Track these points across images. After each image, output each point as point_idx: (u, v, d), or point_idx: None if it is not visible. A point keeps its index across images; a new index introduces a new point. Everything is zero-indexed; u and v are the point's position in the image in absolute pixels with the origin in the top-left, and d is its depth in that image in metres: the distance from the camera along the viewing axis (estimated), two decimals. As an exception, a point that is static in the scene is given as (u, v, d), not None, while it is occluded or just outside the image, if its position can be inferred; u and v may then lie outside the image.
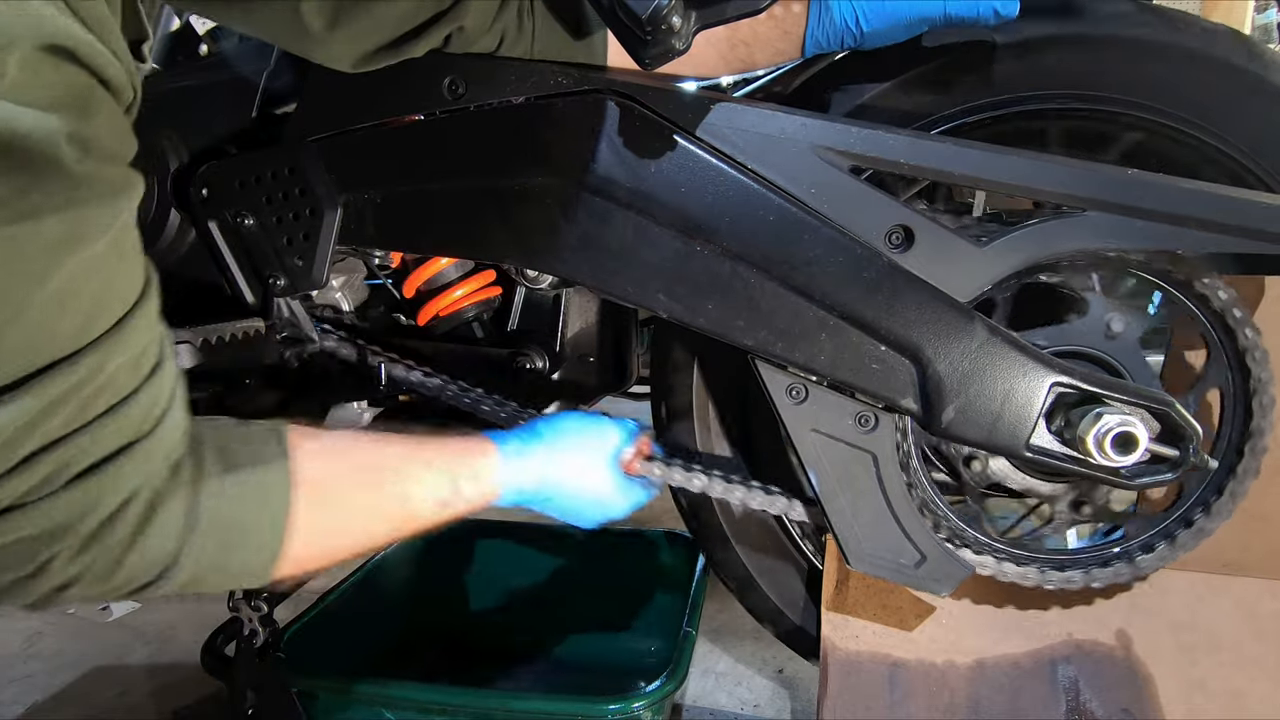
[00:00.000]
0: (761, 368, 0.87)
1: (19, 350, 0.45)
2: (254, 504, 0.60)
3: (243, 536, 0.60)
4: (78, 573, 0.51)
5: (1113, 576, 0.91)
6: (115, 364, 0.49)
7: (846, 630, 1.02)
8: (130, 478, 0.51)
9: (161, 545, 0.54)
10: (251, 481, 0.60)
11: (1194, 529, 0.90)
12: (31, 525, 0.48)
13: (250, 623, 1.01)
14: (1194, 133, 0.88)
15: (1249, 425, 0.88)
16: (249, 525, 0.60)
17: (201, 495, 0.57)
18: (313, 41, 0.76)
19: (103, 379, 0.48)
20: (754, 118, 0.81)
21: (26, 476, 0.47)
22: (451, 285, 1.05)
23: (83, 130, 0.45)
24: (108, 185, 0.48)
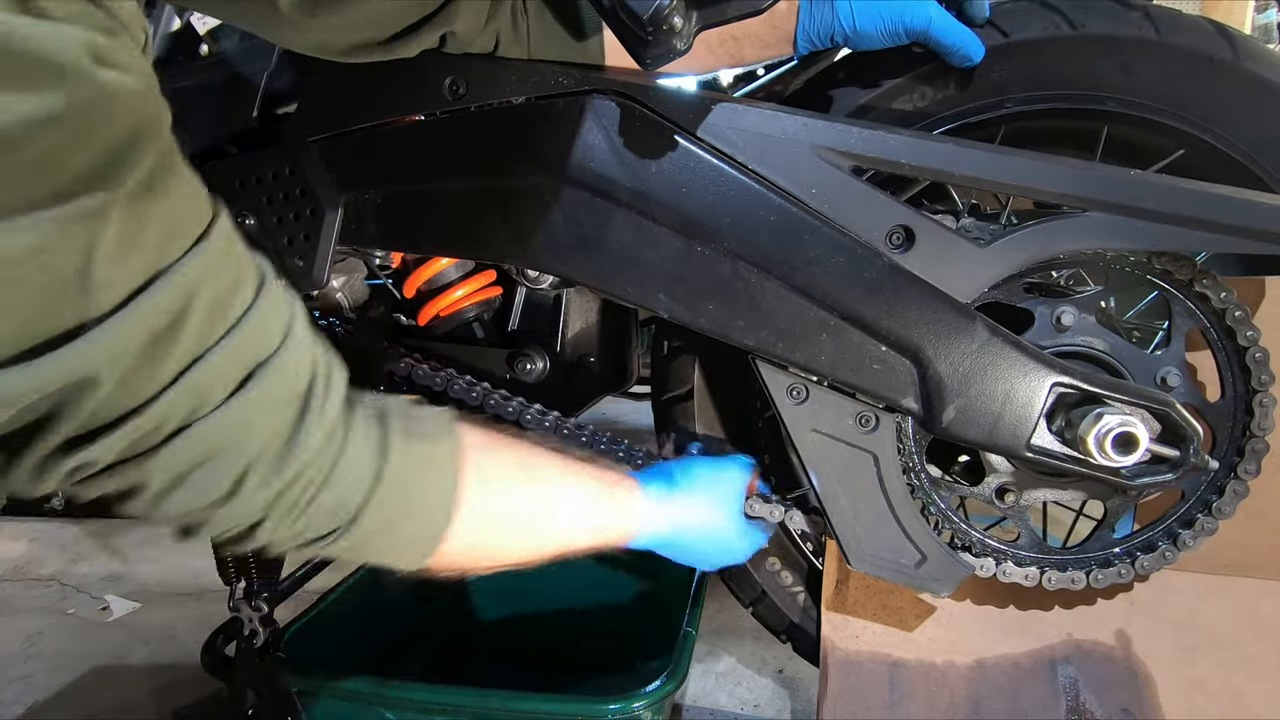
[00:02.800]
0: (762, 368, 0.87)
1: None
2: (430, 474, 0.61)
3: (417, 503, 0.61)
4: (270, 498, 0.52)
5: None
6: (213, 282, 0.48)
7: (846, 630, 1.02)
8: (278, 387, 0.52)
9: (350, 488, 0.56)
10: (428, 452, 0.61)
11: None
12: (205, 443, 0.48)
13: (250, 623, 1.01)
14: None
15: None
16: (424, 493, 0.61)
17: (390, 451, 0.58)
18: (292, 30, 0.75)
19: (206, 295, 0.47)
20: (755, 118, 0.81)
21: (176, 399, 0.46)
22: (452, 285, 1.05)
23: (103, 46, 0.41)
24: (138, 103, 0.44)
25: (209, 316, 0.47)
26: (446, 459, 0.63)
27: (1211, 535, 0.90)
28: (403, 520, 0.60)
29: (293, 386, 0.53)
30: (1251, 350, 0.86)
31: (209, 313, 0.47)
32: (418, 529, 0.62)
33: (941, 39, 0.84)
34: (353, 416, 0.58)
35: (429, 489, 0.62)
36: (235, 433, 0.50)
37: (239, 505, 0.52)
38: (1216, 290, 0.85)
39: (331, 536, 0.58)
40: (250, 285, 0.51)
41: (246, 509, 0.52)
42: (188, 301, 0.46)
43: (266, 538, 0.55)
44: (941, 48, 0.85)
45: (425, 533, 0.62)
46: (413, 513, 0.61)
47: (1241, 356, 0.87)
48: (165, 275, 0.44)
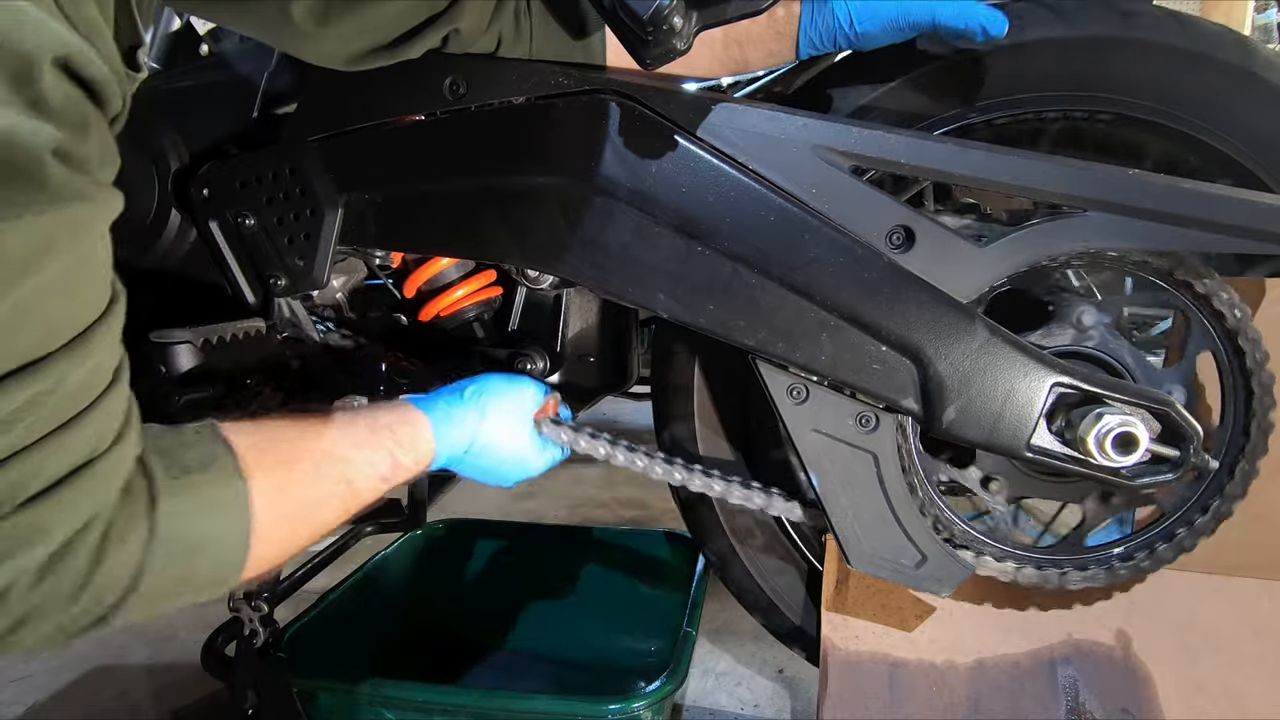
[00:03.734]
0: (762, 368, 0.87)
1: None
2: (214, 510, 0.57)
3: (206, 546, 0.57)
4: (37, 603, 0.48)
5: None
6: (73, 379, 0.47)
7: (846, 630, 1.02)
8: (86, 499, 0.49)
9: (122, 566, 0.51)
10: (206, 486, 0.57)
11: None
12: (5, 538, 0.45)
13: (250, 623, 1.01)
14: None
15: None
16: (211, 534, 0.57)
17: (159, 508, 0.53)
18: (303, 40, 0.76)
19: (59, 393, 0.46)
20: (755, 118, 0.81)
21: (11, 477, 0.45)
22: (452, 285, 1.05)
23: (70, 144, 0.45)
24: (86, 199, 0.47)
25: (43, 417, 0.46)
26: (229, 484, 0.59)
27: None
28: (194, 568, 0.56)
29: (97, 492, 0.50)
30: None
31: (47, 414, 0.46)
32: (214, 566, 0.58)
33: (953, 24, 0.81)
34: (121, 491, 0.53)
35: (218, 525, 0.58)
36: (21, 540, 0.46)
37: (5, 608, 0.47)
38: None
39: (112, 614, 0.53)
40: (99, 385, 0.50)
41: (7, 613, 0.48)
42: (42, 396, 0.45)
43: (30, 640, 0.50)
44: (956, 33, 0.82)
45: (225, 565, 0.59)
46: (204, 557, 0.57)
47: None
48: (35, 367, 0.45)
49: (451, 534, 1.44)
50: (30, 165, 0.43)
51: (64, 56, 0.44)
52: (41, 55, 0.43)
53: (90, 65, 0.46)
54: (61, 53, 0.44)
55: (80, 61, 0.45)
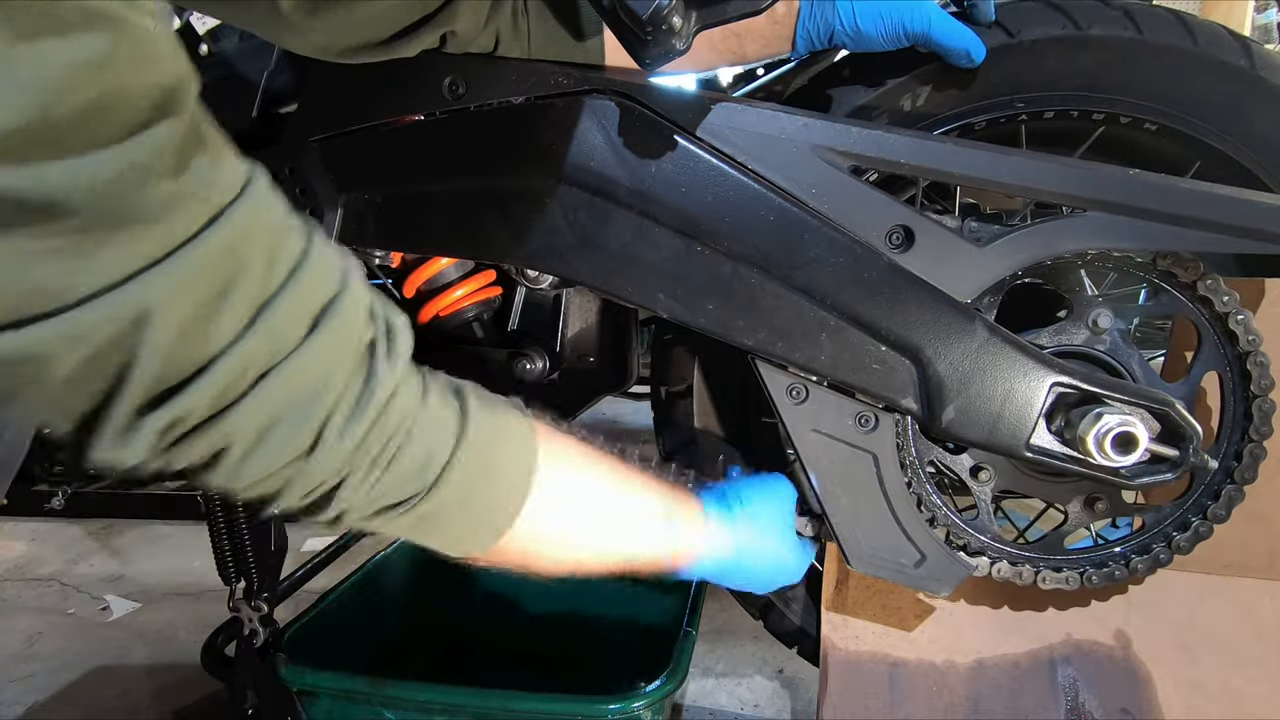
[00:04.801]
0: (762, 368, 0.87)
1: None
2: (509, 445, 0.60)
3: (497, 473, 0.59)
4: (353, 447, 0.50)
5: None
6: (264, 224, 0.47)
7: (846, 630, 1.02)
8: (349, 328, 0.51)
9: (436, 437, 0.55)
10: (506, 424, 0.61)
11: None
12: (287, 386, 0.47)
13: (250, 623, 1.01)
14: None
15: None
16: (504, 463, 0.60)
17: (470, 412, 0.57)
18: (292, 32, 0.75)
19: (261, 239, 0.46)
20: (754, 118, 0.81)
21: (258, 340, 0.45)
22: (451, 285, 1.05)
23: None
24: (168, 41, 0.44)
25: (268, 259, 0.46)
26: (525, 433, 0.62)
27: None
28: (482, 491, 0.59)
29: (359, 331, 0.52)
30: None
31: (268, 256, 0.46)
32: (494, 503, 0.60)
33: (943, 41, 0.84)
34: (428, 376, 0.58)
35: (509, 459, 0.60)
36: (312, 377, 0.48)
37: (321, 458, 0.50)
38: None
39: (409, 503, 0.55)
40: (300, 232, 0.50)
41: (329, 462, 0.50)
42: (245, 245, 0.45)
43: (345, 501, 0.53)
44: (943, 49, 0.85)
45: (501, 509, 0.60)
46: (493, 483, 0.59)
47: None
48: (220, 218, 0.43)
49: (451, 534, 1.44)
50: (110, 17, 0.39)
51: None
52: None
53: None
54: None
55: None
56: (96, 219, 0.38)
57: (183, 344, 0.43)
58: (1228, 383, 0.89)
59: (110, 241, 0.39)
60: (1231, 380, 0.88)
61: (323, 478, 0.51)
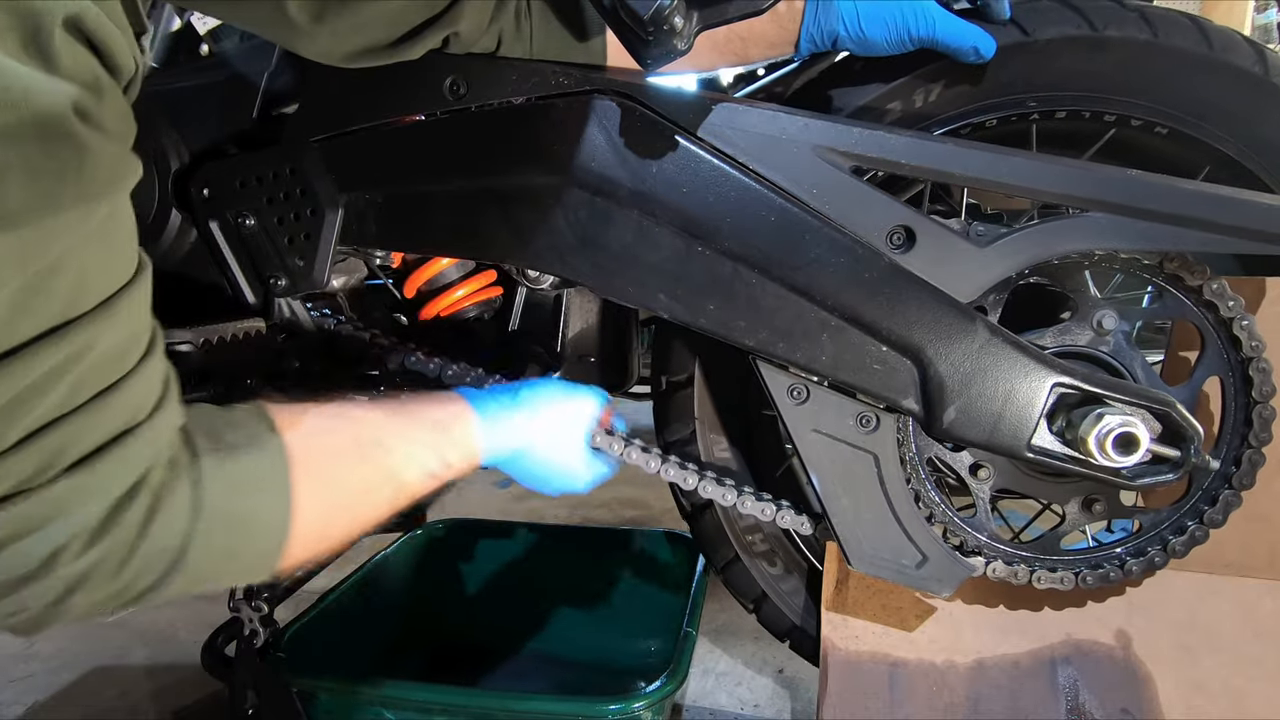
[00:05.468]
0: (763, 368, 0.87)
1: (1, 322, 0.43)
2: (256, 487, 0.58)
3: (249, 522, 0.57)
4: (86, 569, 0.48)
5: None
6: (105, 344, 0.47)
7: (846, 630, 1.02)
8: (133, 462, 0.49)
9: (169, 535, 0.52)
10: (250, 464, 0.57)
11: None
12: (35, 513, 0.45)
13: (250, 623, 1.01)
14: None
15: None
16: (254, 510, 0.58)
17: (204, 480, 0.54)
18: (299, 36, 0.75)
19: (92, 358, 0.46)
20: (755, 118, 0.81)
21: (23, 459, 0.45)
22: (452, 285, 1.05)
23: (88, 103, 0.44)
24: (108, 162, 0.46)
25: (83, 380, 0.46)
26: (273, 464, 0.59)
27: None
28: (239, 543, 0.57)
29: (134, 463, 0.50)
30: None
31: (84, 376, 0.46)
32: (256, 545, 0.58)
33: (950, 41, 0.83)
34: (166, 461, 0.54)
35: (260, 503, 0.58)
36: (62, 510, 0.46)
37: (48, 582, 0.47)
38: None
39: (160, 585, 0.53)
40: (135, 354, 0.50)
41: (57, 584, 0.48)
42: (69, 362, 0.45)
43: (80, 608, 0.50)
44: (951, 50, 0.84)
45: (266, 548, 0.59)
46: (248, 533, 0.57)
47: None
48: (64, 330, 0.44)
49: (451, 534, 1.44)
50: (53, 122, 0.42)
51: (74, 16, 0.43)
52: (53, 16, 0.42)
53: (101, 27, 0.45)
54: (72, 12, 0.43)
55: (91, 23, 0.44)
56: None
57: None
58: (1229, 388, 0.89)
59: None
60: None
61: (46, 596, 0.48)
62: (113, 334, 0.48)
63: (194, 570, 0.54)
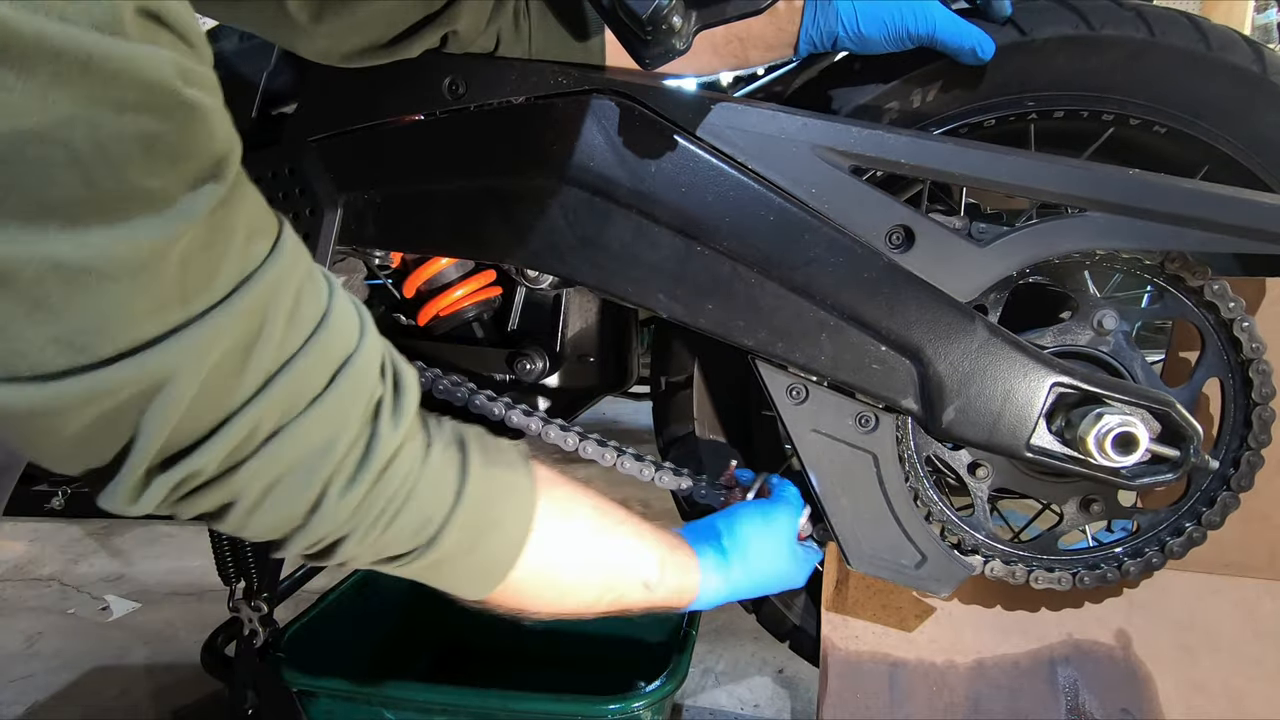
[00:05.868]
0: (762, 368, 0.87)
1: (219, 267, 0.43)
2: (508, 499, 0.61)
3: (496, 525, 0.60)
4: (354, 506, 0.51)
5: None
6: (291, 283, 0.47)
7: (846, 630, 1.02)
8: (361, 384, 0.51)
9: (431, 504, 0.56)
10: (505, 475, 0.61)
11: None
12: (289, 451, 0.48)
13: (250, 623, 1.01)
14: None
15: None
16: (502, 515, 0.60)
17: (470, 469, 0.58)
18: (298, 35, 0.75)
19: (286, 298, 0.47)
20: (755, 118, 0.81)
21: (269, 402, 0.46)
22: (452, 285, 1.05)
23: (191, 66, 0.42)
24: (223, 120, 0.45)
25: (291, 320, 0.47)
26: (525, 486, 0.63)
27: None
28: (480, 544, 0.60)
29: (369, 390, 0.52)
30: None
31: (290, 317, 0.47)
32: (494, 554, 0.61)
33: (950, 41, 0.83)
34: (434, 431, 0.58)
35: (506, 515, 0.61)
36: (319, 437, 0.49)
37: (324, 516, 0.51)
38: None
39: (410, 556, 0.57)
40: (323, 289, 0.51)
41: (331, 522, 0.51)
42: (270, 306, 0.45)
43: (349, 553, 0.54)
44: (949, 49, 0.84)
45: (500, 558, 0.61)
46: (490, 538, 0.60)
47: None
48: (249, 280, 0.44)
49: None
50: (167, 95, 0.39)
51: (145, 6, 0.40)
52: (123, 6, 0.39)
53: (179, 15, 0.42)
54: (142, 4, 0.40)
55: (169, 11, 0.41)
56: (130, 281, 0.38)
57: (198, 407, 0.43)
58: (1229, 389, 0.89)
59: (139, 302, 0.39)
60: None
61: (324, 533, 0.52)
62: (293, 275, 0.48)
63: (439, 554, 0.57)
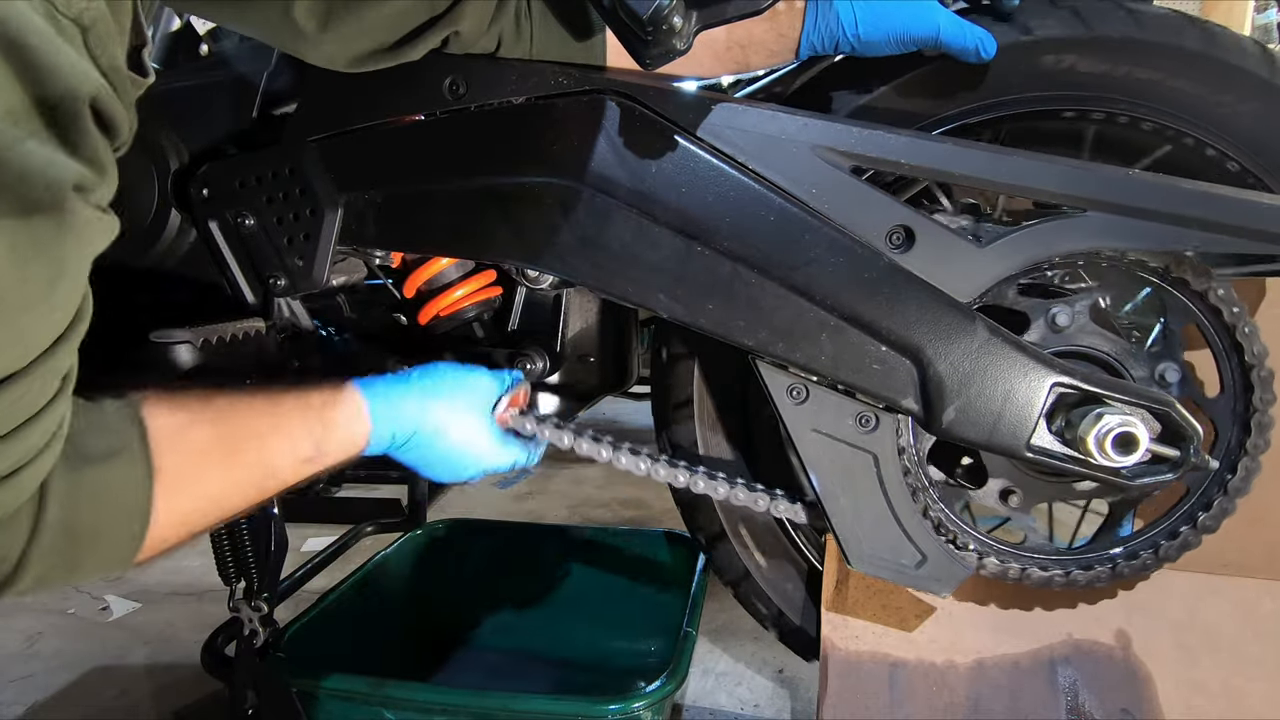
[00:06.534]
0: (762, 368, 0.87)
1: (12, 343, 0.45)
2: (111, 504, 0.57)
3: (97, 539, 0.57)
4: None
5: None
6: (34, 391, 0.48)
7: (846, 630, 1.02)
8: (13, 495, 0.50)
9: (8, 546, 0.52)
10: (105, 481, 0.57)
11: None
12: None
13: (250, 623, 1.01)
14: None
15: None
16: (104, 527, 0.57)
17: (50, 492, 0.53)
18: (305, 42, 0.76)
19: (21, 403, 0.47)
20: (755, 118, 0.81)
21: None
22: (452, 285, 1.05)
23: (91, 181, 0.47)
24: (93, 228, 0.49)
25: (10, 416, 0.47)
26: (132, 479, 0.59)
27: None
28: (83, 555, 0.56)
29: (18, 495, 0.51)
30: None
31: (12, 412, 0.47)
32: (103, 557, 0.58)
33: (953, 43, 0.83)
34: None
35: (113, 520, 0.58)
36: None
37: None
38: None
39: (5, 588, 0.54)
40: (50, 391, 0.51)
41: None
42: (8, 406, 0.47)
43: None
44: (954, 50, 0.84)
45: (113, 559, 0.59)
46: (98, 544, 0.57)
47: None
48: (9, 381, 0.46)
49: (451, 534, 1.44)
50: (54, 199, 0.45)
51: (94, 96, 0.46)
52: (80, 96, 0.45)
53: (112, 105, 0.48)
54: (93, 93, 0.46)
55: (105, 102, 0.48)
56: None
57: None
58: (1229, 391, 0.88)
59: None
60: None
61: None
62: (42, 382, 0.49)
63: (35, 575, 0.54)
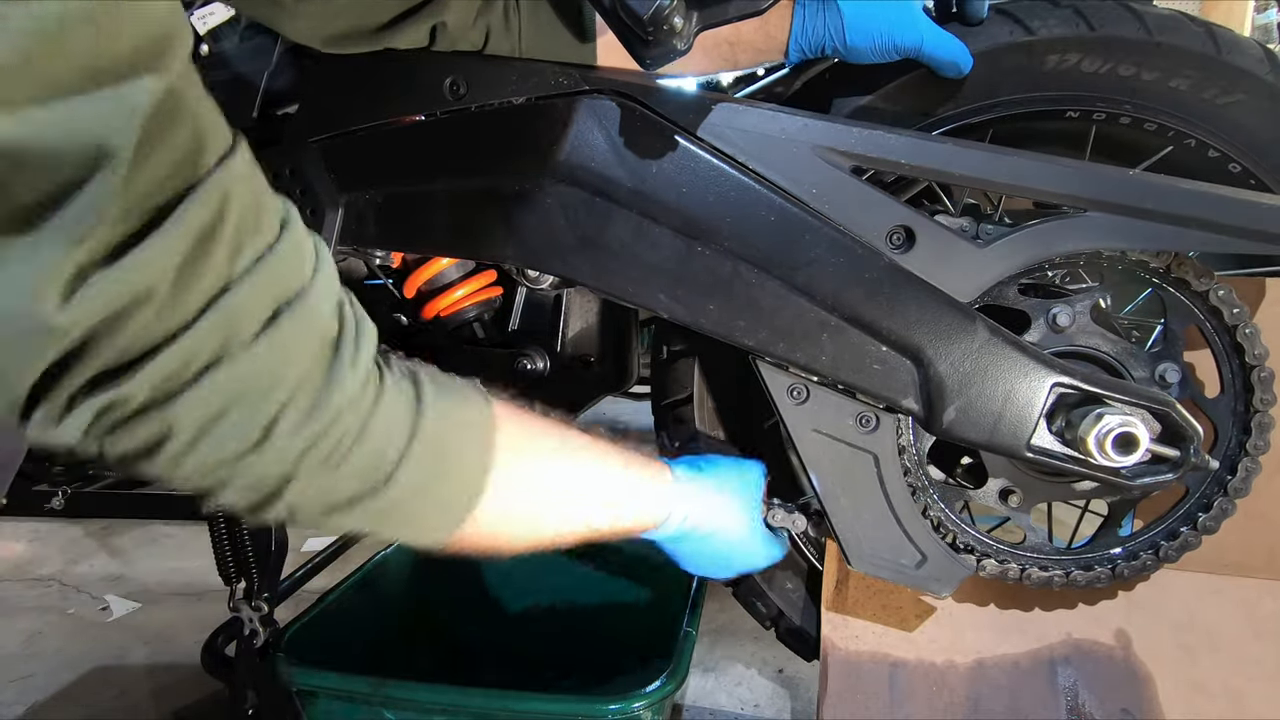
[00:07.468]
0: (763, 368, 0.87)
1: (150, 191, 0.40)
2: (465, 435, 0.59)
3: (453, 464, 0.58)
4: (304, 447, 0.48)
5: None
6: (239, 203, 0.44)
7: (846, 630, 1.02)
8: (309, 325, 0.48)
9: (384, 441, 0.53)
10: (463, 413, 0.59)
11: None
12: (233, 385, 0.45)
13: (250, 623, 1.01)
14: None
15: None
16: (460, 454, 0.58)
17: (425, 405, 0.55)
18: (281, 13, 0.75)
19: (234, 220, 0.43)
20: (755, 118, 0.81)
21: (209, 329, 0.43)
22: (452, 285, 1.05)
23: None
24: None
25: (236, 240, 0.44)
26: (482, 422, 0.60)
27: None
28: (437, 483, 0.57)
29: (324, 328, 0.50)
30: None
31: (236, 236, 0.44)
32: (452, 494, 0.58)
33: (934, 54, 0.85)
34: (386, 369, 0.55)
35: (465, 450, 0.59)
36: (266, 373, 0.46)
37: (269, 456, 0.47)
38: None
39: (362, 500, 0.53)
40: (275, 215, 0.47)
41: (276, 461, 0.48)
42: (217, 220, 0.42)
43: (294, 499, 0.50)
44: (934, 62, 0.86)
45: (458, 498, 0.59)
46: (448, 475, 0.58)
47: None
48: (196, 189, 0.41)
49: (451, 534, 1.44)
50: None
51: None
52: None
53: None
54: None
55: None
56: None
57: (130, 326, 0.40)
58: (1229, 392, 0.89)
59: None
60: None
61: (269, 474, 0.49)
62: (243, 191, 0.45)
63: (393, 496, 0.54)
